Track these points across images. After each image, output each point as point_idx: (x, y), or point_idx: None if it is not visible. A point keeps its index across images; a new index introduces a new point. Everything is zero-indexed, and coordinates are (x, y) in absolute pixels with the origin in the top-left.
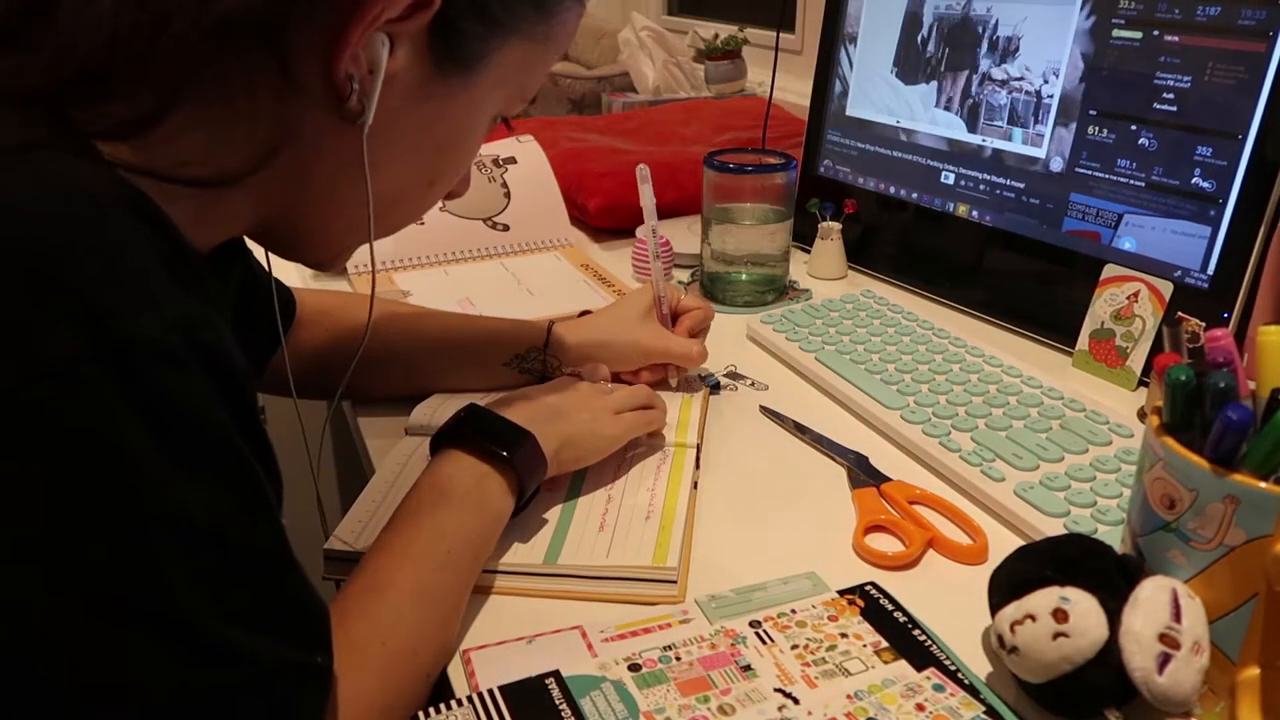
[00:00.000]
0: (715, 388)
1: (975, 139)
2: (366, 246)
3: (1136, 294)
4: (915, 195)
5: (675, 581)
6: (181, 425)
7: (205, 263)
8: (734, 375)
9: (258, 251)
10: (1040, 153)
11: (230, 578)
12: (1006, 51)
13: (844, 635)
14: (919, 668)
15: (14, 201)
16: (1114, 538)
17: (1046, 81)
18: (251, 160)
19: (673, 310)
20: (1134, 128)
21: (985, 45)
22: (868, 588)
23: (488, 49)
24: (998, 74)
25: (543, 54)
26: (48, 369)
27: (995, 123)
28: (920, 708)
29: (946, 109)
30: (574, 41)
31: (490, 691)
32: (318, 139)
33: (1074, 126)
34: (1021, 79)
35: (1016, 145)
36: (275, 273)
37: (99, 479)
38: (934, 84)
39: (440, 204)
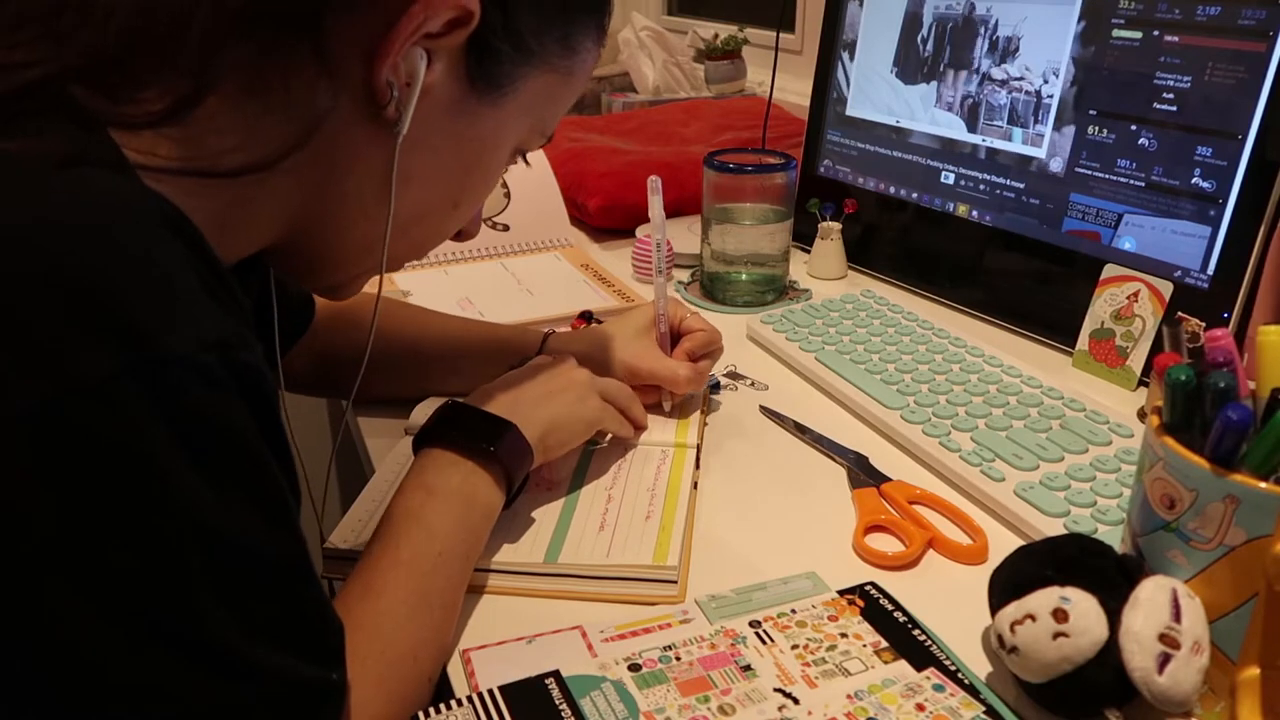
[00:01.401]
0: (715, 388)
1: (975, 139)
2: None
3: (1136, 294)
4: (915, 195)
5: (675, 581)
6: (213, 442)
7: (234, 277)
8: (734, 375)
9: None
10: (1040, 153)
11: (254, 594)
12: (1006, 51)
13: (844, 635)
14: (919, 668)
15: (53, 217)
16: (1114, 538)
17: (1046, 81)
18: (283, 147)
19: (675, 330)
20: (1134, 128)
21: (985, 45)
22: (868, 588)
23: (517, 74)
24: (998, 74)
25: (564, 89)
26: (81, 384)
27: (995, 123)
28: (920, 708)
29: (946, 109)
30: None
31: (490, 691)
32: (348, 140)
33: (1074, 126)
34: (1021, 79)
35: (1016, 145)
36: None
37: (128, 495)
38: (934, 84)
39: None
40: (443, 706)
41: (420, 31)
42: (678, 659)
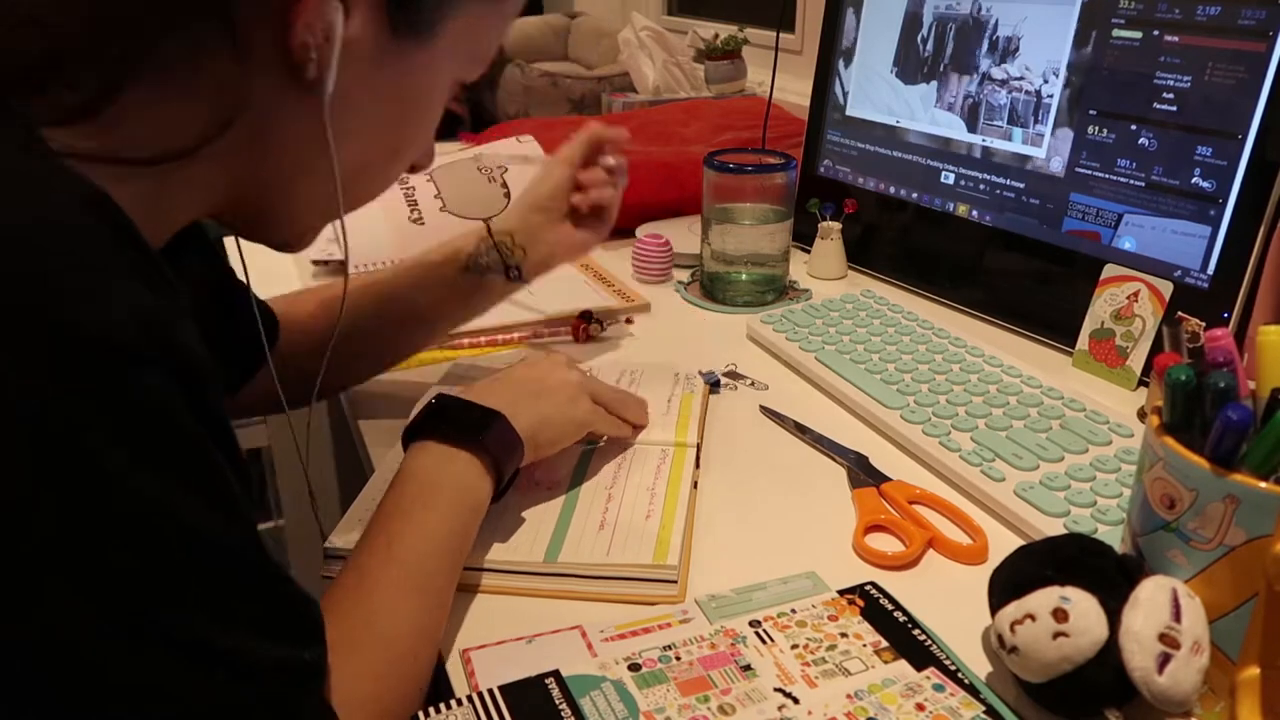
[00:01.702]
0: (715, 386)
1: (975, 139)
2: (337, 223)
3: (1136, 294)
4: (915, 195)
5: (676, 580)
6: (146, 427)
7: (161, 256)
8: (734, 375)
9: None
10: (1040, 153)
11: (212, 581)
12: (1006, 51)
13: (844, 635)
14: (919, 668)
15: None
16: (1114, 538)
17: (1046, 81)
18: (204, 134)
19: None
20: (1134, 128)
21: (985, 45)
22: (868, 587)
23: (441, 14)
24: (998, 74)
25: (495, 16)
26: (5, 381)
27: (995, 123)
28: (920, 707)
29: (947, 109)
30: (574, 41)
31: (490, 691)
32: (275, 110)
33: (1074, 126)
34: (1021, 79)
35: (1016, 145)
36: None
37: (67, 490)
38: (934, 84)
39: (440, 202)
40: (443, 706)
41: None
42: (678, 659)
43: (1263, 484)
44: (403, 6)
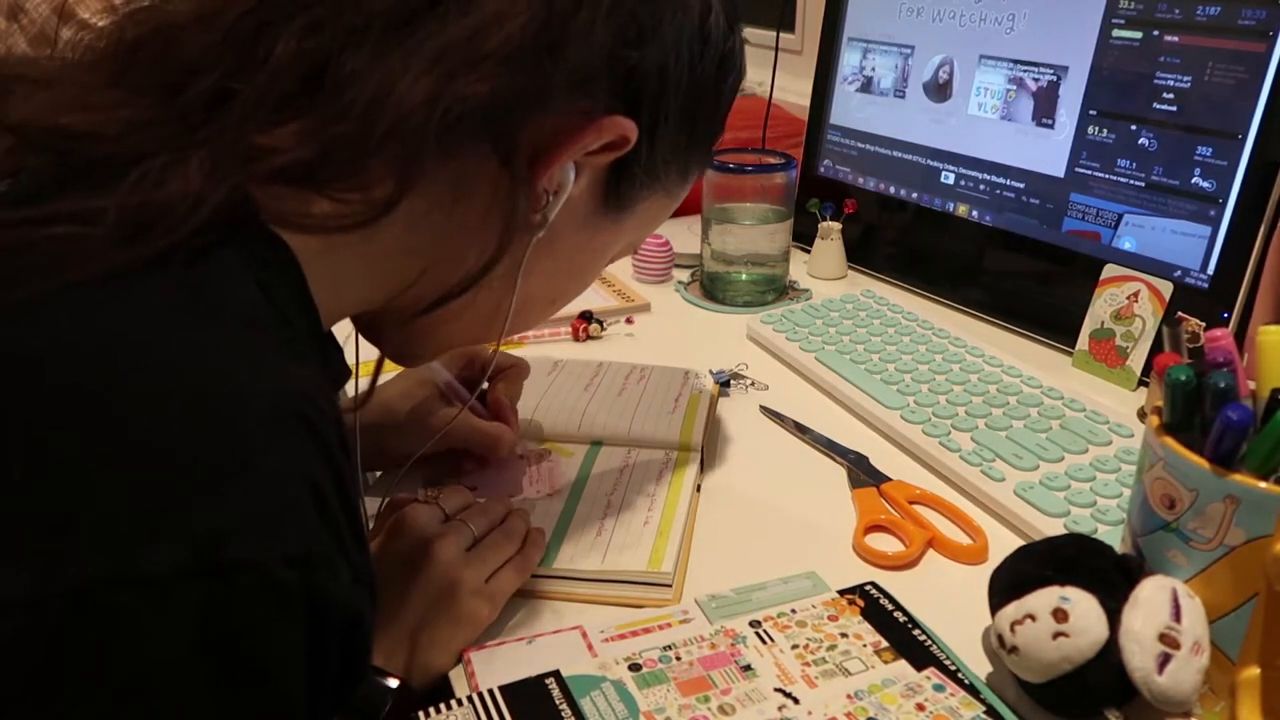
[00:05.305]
0: (726, 384)
1: (976, 139)
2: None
3: (1136, 294)
4: (915, 195)
5: (670, 585)
6: (248, 668)
7: (356, 499)
8: (734, 375)
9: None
10: (1040, 153)
11: None
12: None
13: (844, 635)
14: (919, 668)
15: (181, 393)
16: (1114, 538)
17: (1047, 82)
18: (475, 273)
19: (484, 367)
20: (1134, 128)
21: (985, 45)
22: (868, 587)
23: (639, 197)
24: (999, 74)
25: (666, 210)
26: (140, 574)
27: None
28: (920, 707)
29: (949, 109)
30: None
31: (490, 691)
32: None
33: (1074, 126)
34: (1021, 79)
35: (1017, 145)
36: None
37: (139, 694)
38: (934, 85)
39: None
40: (443, 706)
41: (590, 146)
42: (678, 659)
43: (1263, 484)
44: (619, 184)
